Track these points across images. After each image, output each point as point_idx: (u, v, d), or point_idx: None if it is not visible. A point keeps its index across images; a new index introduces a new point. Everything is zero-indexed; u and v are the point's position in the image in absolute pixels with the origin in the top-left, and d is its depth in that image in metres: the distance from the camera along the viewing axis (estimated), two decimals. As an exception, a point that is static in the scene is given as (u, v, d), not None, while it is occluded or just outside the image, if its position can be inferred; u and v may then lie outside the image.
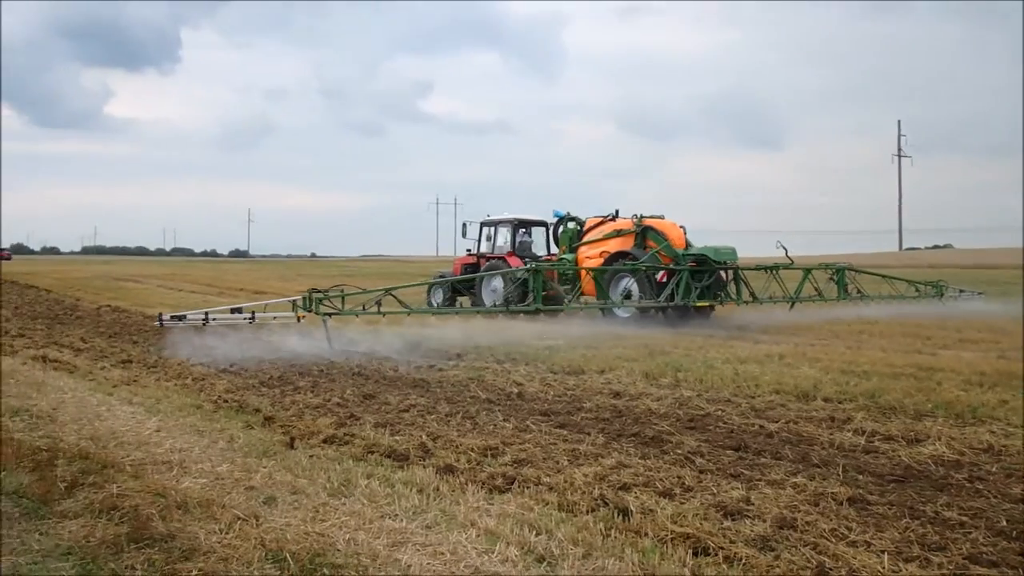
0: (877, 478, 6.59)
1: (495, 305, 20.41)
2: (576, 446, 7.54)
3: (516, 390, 10.53)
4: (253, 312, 16.53)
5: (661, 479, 6.48)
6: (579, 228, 23.86)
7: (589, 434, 8.02)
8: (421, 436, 7.95)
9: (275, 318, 16.65)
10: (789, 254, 22.54)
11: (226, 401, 9.90)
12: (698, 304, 20.03)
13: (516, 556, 4.99)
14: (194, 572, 4.67)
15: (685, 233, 21.94)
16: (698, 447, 7.56)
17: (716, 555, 5.04)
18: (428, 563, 4.90)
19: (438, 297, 24.76)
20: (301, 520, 5.58)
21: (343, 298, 16.25)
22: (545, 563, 4.92)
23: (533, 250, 25.12)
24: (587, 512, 5.75)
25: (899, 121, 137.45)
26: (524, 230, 25.41)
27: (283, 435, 8.11)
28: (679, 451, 7.39)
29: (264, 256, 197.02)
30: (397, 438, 7.92)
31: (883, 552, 4.98)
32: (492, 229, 25.52)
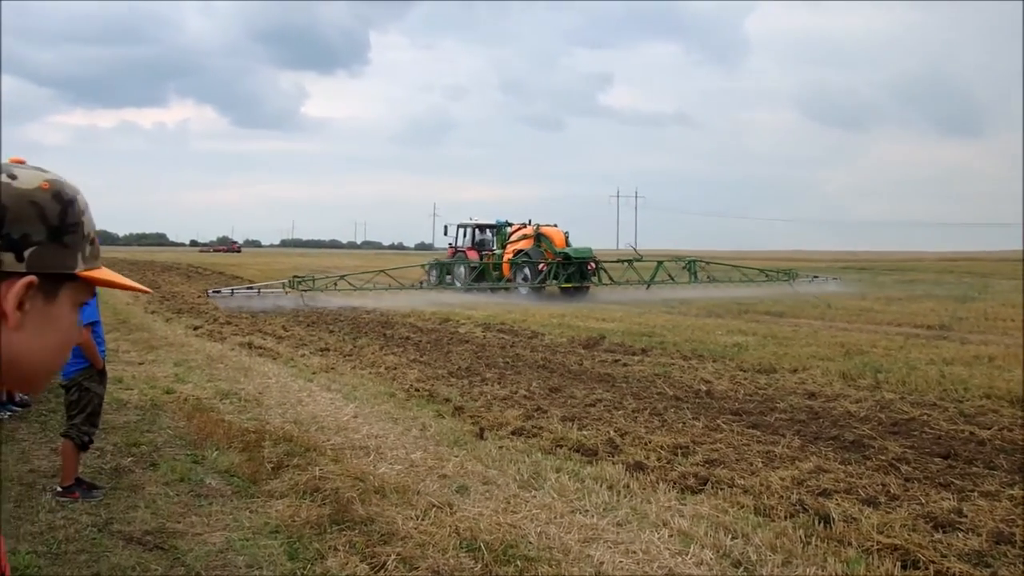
0: (1109, 495, 6.03)
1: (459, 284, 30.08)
2: (771, 448, 7.28)
3: (704, 388, 10.29)
4: (259, 288, 24.77)
5: (864, 486, 6.16)
6: (508, 232, 31.83)
7: (784, 436, 7.73)
8: (609, 431, 7.88)
9: (272, 291, 24.36)
10: (638, 251, 31.69)
11: (417, 390, 10.16)
12: (563, 285, 28.25)
13: (711, 559, 4.86)
14: (392, 556, 4.79)
15: (567, 237, 30.10)
16: (903, 453, 7.14)
17: (927, 569, 4.76)
18: (620, 561, 4.84)
19: (433, 277, 31.50)
20: (493, 511, 5.64)
21: (314, 280, 25.39)
22: (742, 568, 4.77)
23: (490, 246, 32.65)
24: (785, 517, 5.53)
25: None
26: (484, 231, 33.54)
27: (472, 425, 8.24)
28: (882, 457, 7.01)
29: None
30: (585, 432, 7.89)
31: (1120, 577, 4.55)
32: (462, 230, 33.74)
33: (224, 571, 4.72)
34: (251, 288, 24.94)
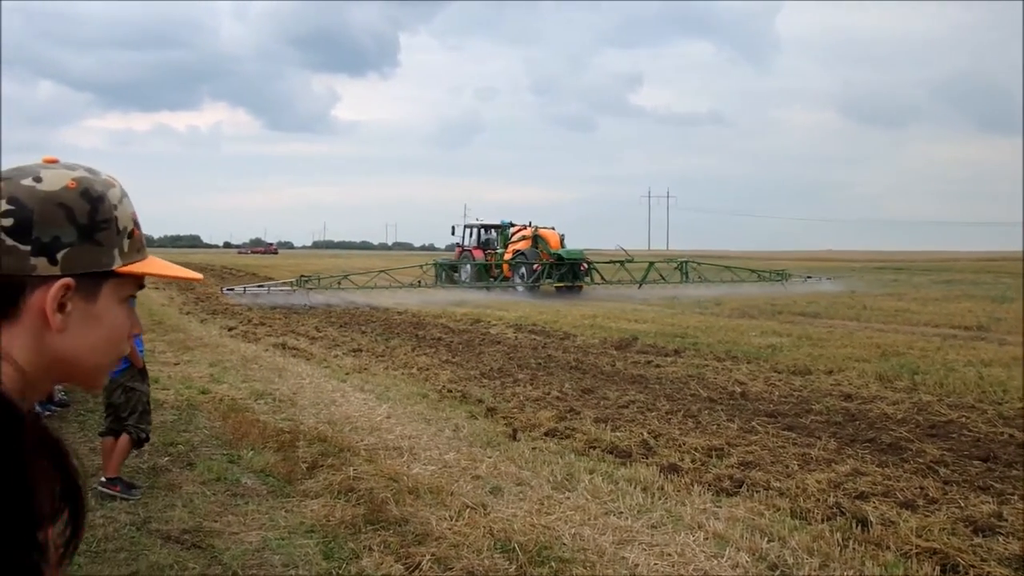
0: None
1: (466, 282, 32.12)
2: (806, 450, 7.22)
3: (739, 389, 10.22)
4: (268, 286, 27.30)
5: (902, 489, 6.09)
6: (510, 232, 33.55)
7: (820, 438, 7.65)
8: (642, 433, 7.85)
9: (281, 289, 26.86)
10: (629, 252, 33.64)
11: (450, 391, 10.18)
12: (557, 284, 30.47)
13: (747, 562, 4.82)
14: (427, 556, 4.80)
15: (562, 239, 31.73)
16: (941, 456, 7.05)
17: (966, 573, 4.71)
18: (655, 564, 4.81)
19: (441, 275, 33.12)
20: (526, 512, 5.63)
21: (319, 279, 28.48)
22: (778, 571, 4.73)
23: (495, 246, 34.39)
24: (822, 520, 5.48)
25: None
26: (488, 231, 35.34)
27: (505, 426, 8.24)
28: (920, 460, 6.93)
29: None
30: (618, 434, 7.86)
31: None
32: (468, 230, 35.81)
33: (260, 570, 4.75)
34: (261, 286, 27.76)
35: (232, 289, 26.79)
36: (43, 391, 1.04)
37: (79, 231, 1.00)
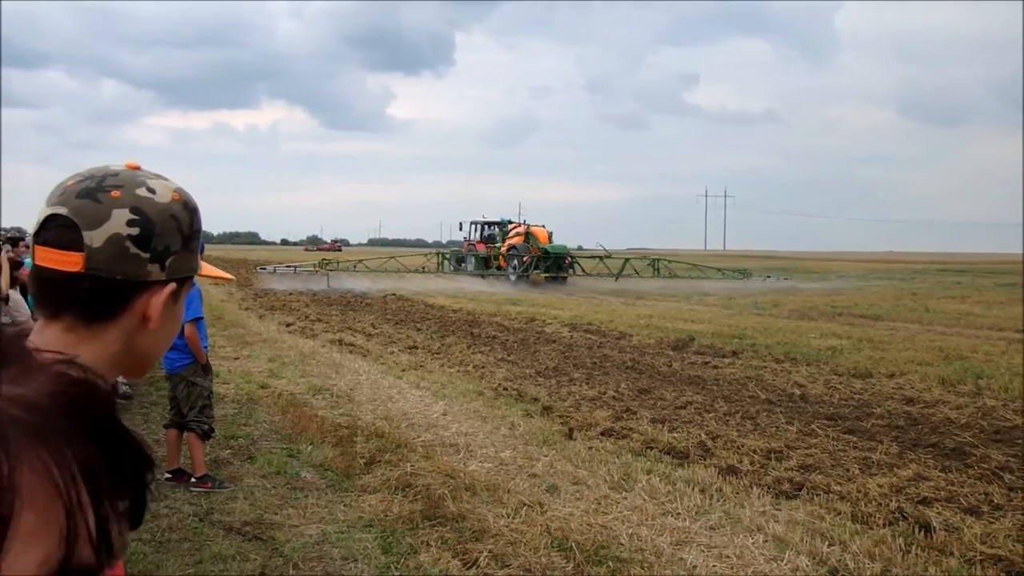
0: None
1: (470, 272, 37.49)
2: (867, 454, 7.11)
3: (798, 391, 10.09)
4: (295, 267, 32.72)
5: (966, 495, 5.98)
6: (508, 229, 38.90)
7: (881, 442, 7.53)
8: (700, 434, 7.80)
9: (306, 271, 31.30)
10: (607, 249, 39.76)
11: (505, 389, 10.19)
12: (544, 275, 34.23)
13: (807, 566, 4.77)
14: (484, 553, 4.82)
15: (550, 235, 36.50)
16: (1006, 462, 6.90)
17: (1033, 582, 4.60)
18: (714, 565, 4.79)
19: (444, 264, 38.55)
20: (583, 511, 5.63)
21: (338, 263, 32.75)
22: (839, 576, 4.67)
23: (496, 241, 39.03)
24: (884, 525, 5.40)
25: None
26: (491, 227, 40.40)
27: (561, 425, 8.23)
28: (984, 465, 6.78)
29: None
30: (675, 435, 7.82)
31: None
32: (474, 226, 41.05)
33: (320, 563, 4.81)
34: (289, 267, 33.19)
35: (264, 268, 32.71)
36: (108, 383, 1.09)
37: (182, 240, 1.08)
